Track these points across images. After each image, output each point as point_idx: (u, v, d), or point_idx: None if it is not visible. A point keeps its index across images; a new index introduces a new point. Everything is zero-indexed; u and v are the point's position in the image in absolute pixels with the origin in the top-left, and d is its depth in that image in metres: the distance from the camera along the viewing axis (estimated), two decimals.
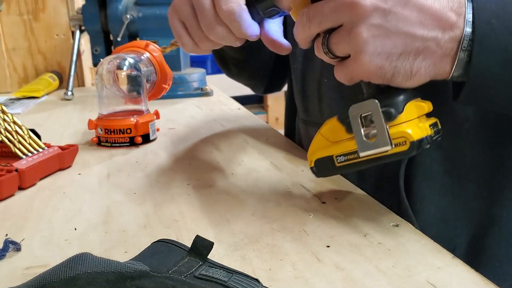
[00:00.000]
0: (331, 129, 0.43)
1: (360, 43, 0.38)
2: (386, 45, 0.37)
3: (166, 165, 0.61)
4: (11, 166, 0.54)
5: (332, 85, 0.58)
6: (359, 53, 0.38)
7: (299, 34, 0.41)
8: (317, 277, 0.35)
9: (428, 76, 0.39)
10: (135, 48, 0.84)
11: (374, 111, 0.39)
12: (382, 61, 0.38)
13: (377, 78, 0.39)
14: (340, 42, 0.39)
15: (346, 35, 0.38)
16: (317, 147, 0.44)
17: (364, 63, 0.38)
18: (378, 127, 0.38)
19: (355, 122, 0.40)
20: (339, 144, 0.42)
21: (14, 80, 1.26)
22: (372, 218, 0.43)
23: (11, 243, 0.40)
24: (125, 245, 0.41)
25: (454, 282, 0.34)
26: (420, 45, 0.38)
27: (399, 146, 0.38)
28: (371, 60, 0.38)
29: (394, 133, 0.38)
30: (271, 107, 2.53)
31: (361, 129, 0.39)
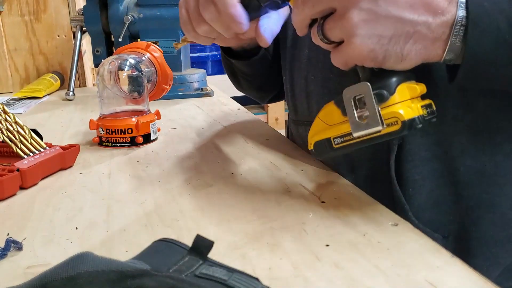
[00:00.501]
0: (328, 112, 0.44)
1: (351, 27, 0.39)
2: (376, 28, 0.39)
3: (166, 165, 0.62)
4: (12, 166, 0.54)
5: (319, 81, 0.59)
6: (351, 37, 0.39)
7: (295, 19, 0.43)
8: (317, 276, 0.35)
9: (419, 59, 0.40)
10: (136, 49, 0.84)
11: (366, 93, 0.40)
12: (373, 44, 0.39)
13: (369, 61, 0.40)
14: (334, 27, 0.40)
15: (339, 20, 0.40)
16: (316, 130, 0.46)
17: (356, 47, 0.39)
18: (370, 109, 0.40)
19: (348, 104, 0.41)
20: (335, 127, 0.43)
21: (15, 80, 1.27)
22: (371, 218, 0.44)
23: (12, 242, 0.40)
24: (126, 244, 0.41)
25: (452, 281, 0.34)
26: (410, 29, 0.39)
27: (391, 126, 0.40)
28: (362, 43, 0.39)
29: (386, 114, 0.40)
30: (271, 107, 2.53)
31: (354, 111, 0.41)
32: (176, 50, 1.09)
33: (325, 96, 0.59)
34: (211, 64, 2.54)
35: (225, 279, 0.31)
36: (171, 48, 1.09)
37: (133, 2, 1.09)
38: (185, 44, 0.65)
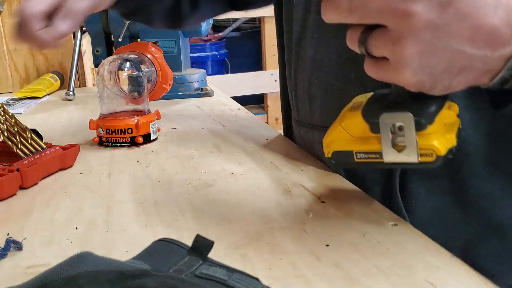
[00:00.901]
0: (354, 124, 0.41)
1: (404, 56, 0.35)
2: (431, 61, 0.35)
3: (166, 164, 0.62)
4: (12, 166, 0.54)
5: (323, 85, 0.57)
6: (401, 66, 0.36)
7: (329, 15, 0.37)
8: (317, 276, 0.35)
9: (464, 87, 0.37)
10: (136, 49, 0.84)
11: (407, 125, 0.38)
12: (423, 76, 0.36)
13: (414, 89, 0.37)
14: (382, 46, 0.36)
15: (390, 42, 0.35)
16: (336, 138, 0.43)
17: (404, 76, 0.36)
18: (409, 141, 0.38)
19: (385, 130, 0.39)
20: (361, 141, 0.41)
21: (15, 80, 1.27)
22: (371, 218, 0.44)
23: (12, 242, 0.40)
24: (126, 244, 0.41)
25: (452, 281, 0.34)
26: (466, 63, 0.36)
27: (424, 157, 0.38)
28: (412, 75, 0.36)
29: (421, 144, 0.38)
30: (271, 107, 2.53)
31: (390, 138, 0.39)
32: (176, 50, 1.09)
33: (328, 101, 0.57)
34: (211, 64, 2.55)
35: (225, 279, 0.31)
36: (171, 48, 1.09)
37: None
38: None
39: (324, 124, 0.56)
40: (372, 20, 0.35)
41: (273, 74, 2.43)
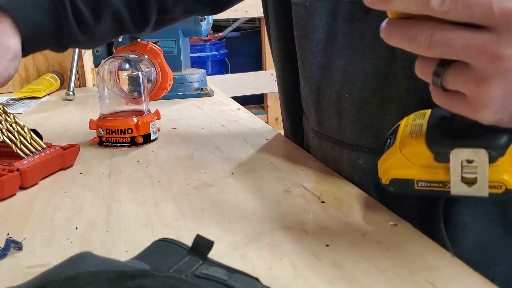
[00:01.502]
0: (417, 152, 0.39)
1: (488, 97, 0.32)
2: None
3: (166, 165, 0.62)
4: (12, 166, 0.54)
5: (356, 102, 0.52)
6: (482, 106, 0.33)
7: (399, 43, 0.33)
8: (317, 276, 0.35)
9: None
10: (136, 49, 0.84)
11: (480, 162, 0.36)
12: (503, 115, 0.33)
13: (489, 123, 0.34)
14: (461, 83, 0.33)
15: (473, 81, 0.32)
16: (395, 165, 0.40)
17: (484, 115, 0.33)
18: (481, 178, 0.36)
19: (456, 164, 0.37)
20: (423, 170, 0.39)
21: (15, 80, 1.27)
22: (371, 218, 0.44)
23: (12, 242, 0.40)
24: (126, 244, 0.41)
25: (453, 281, 0.34)
26: None
27: (493, 189, 0.37)
28: (492, 115, 0.33)
29: (491, 177, 0.36)
30: (271, 107, 2.53)
31: (460, 173, 0.37)
32: (176, 50, 1.09)
33: (362, 119, 0.51)
34: (211, 64, 2.55)
35: (225, 279, 0.31)
36: (171, 48, 1.09)
37: None
38: None
39: (355, 143, 0.52)
40: (454, 57, 0.32)
41: (273, 74, 2.43)
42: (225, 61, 2.61)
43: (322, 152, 0.60)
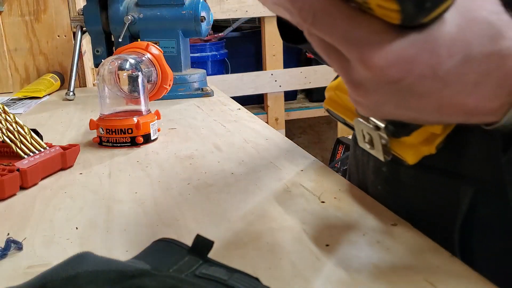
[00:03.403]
0: (345, 98, 0.43)
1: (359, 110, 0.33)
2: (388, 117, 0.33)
3: (166, 164, 0.62)
4: (13, 166, 0.54)
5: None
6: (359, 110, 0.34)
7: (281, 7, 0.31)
8: (317, 276, 0.35)
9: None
10: (136, 49, 0.84)
11: (375, 137, 0.37)
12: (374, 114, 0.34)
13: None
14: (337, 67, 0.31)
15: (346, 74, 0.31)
16: (329, 98, 0.45)
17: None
18: (376, 148, 0.38)
19: (358, 131, 0.39)
20: (348, 112, 0.42)
21: (15, 80, 1.27)
22: (371, 217, 0.44)
23: (12, 242, 0.40)
24: (126, 244, 0.41)
25: (453, 281, 0.34)
26: (435, 122, 0.33)
27: (399, 158, 0.39)
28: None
29: (395, 149, 0.38)
30: (271, 107, 2.53)
31: (362, 139, 0.39)
32: (176, 50, 1.09)
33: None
34: (211, 64, 2.54)
35: (225, 279, 0.31)
36: (171, 48, 1.09)
37: (133, 2, 1.09)
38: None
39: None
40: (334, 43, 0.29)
41: (273, 74, 2.43)
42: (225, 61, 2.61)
43: (355, 159, 0.57)
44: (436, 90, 0.29)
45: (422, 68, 0.28)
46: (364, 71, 0.29)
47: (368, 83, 0.30)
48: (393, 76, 0.28)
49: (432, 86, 0.29)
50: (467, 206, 0.41)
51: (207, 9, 1.08)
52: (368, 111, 0.33)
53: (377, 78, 0.29)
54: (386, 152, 0.38)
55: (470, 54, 0.28)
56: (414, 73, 0.28)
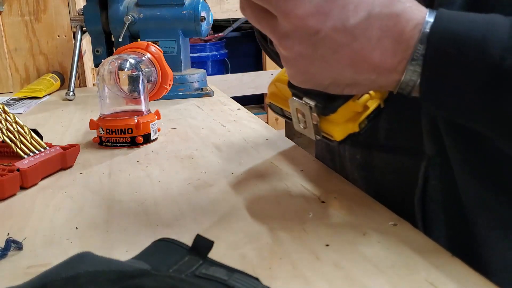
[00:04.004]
0: (283, 87, 0.47)
1: (288, 72, 0.39)
2: (313, 79, 0.38)
3: (166, 164, 0.62)
4: (13, 166, 0.54)
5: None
6: (289, 77, 0.39)
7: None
8: (317, 275, 0.35)
9: (361, 93, 0.40)
10: (136, 49, 0.84)
11: (306, 113, 0.43)
12: (311, 86, 0.39)
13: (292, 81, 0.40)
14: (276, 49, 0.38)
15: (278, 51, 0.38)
16: (271, 92, 0.50)
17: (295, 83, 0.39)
18: (308, 124, 0.44)
19: (292, 109, 0.44)
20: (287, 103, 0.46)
21: (15, 80, 1.27)
22: (371, 217, 0.44)
23: (12, 242, 0.40)
24: (126, 244, 0.41)
25: (453, 281, 0.34)
26: (351, 82, 0.37)
27: (328, 136, 0.44)
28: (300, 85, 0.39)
29: (324, 128, 0.43)
30: None
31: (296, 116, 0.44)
32: (176, 50, 1.09)
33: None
34: (211, 64, 2.54)
35: (225, 279, 0.31)
36: (171, 48, 1.09)
37: (133, 2, 1.09)
38: None
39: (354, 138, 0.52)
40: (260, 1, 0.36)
41: (273, 74, 2.43)
42: (225, 61, 2.61)
43: (330, 153, 0.61)
44: (346, 42, 0.34)
45: (334, 20, 0.34)
46: (288, 23, 0.35)
47: (292, 34, 0.35)
48: (312, 26, 0.34)
49: (343, 38, 0.34)
50: (422, 180, 0.46)
51: (207, 9, 1.08)
52: (295, 71, 0.38)
53: (298, 28, 0.34)
54: (317, 132, 0.43)
55: (372, 12, 0.34)
56: (328, 25, 0.34)
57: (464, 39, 0.34)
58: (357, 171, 0.54)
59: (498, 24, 0.34)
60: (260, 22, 0.37)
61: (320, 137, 0.44)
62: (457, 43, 0.34)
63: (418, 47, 0.34)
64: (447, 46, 0.34)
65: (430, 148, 0.45)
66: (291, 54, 0.37)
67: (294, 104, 0.43)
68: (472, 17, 0.35)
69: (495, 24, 0.34)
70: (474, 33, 0.34)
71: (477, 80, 0.34)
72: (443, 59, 0.34)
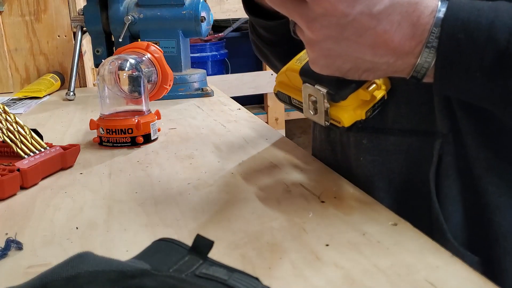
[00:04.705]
0: (293, 76, 0.49)
1: (311, 56, 0.42)
2: (335, 63, 0.41)
3: (167, 164, 0.62)
4: (13, 166, 0.54)
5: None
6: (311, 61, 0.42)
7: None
8: (317, 275, 0.35)
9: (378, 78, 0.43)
10: (136, 49, 0.84)
11: (319, 99, 0.46)
12: (332, 71, 0.42)
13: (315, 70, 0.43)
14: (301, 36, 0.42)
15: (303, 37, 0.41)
16: (280, 81, 0.52)
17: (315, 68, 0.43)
18: (319, 110, 0.46)
19: (305, 95, 0.47)
20: (296, 91, 0.49)
21: (16, 80, 1.27)
22: (370, 217, 0.44)
23: (13, 242, 0.40)
24: (126, 244, 0.41)
25: (452, 280, 0.34)
26: (370, 66, 0.41)
27: (335, 123, 0.47)
28: (321, 70, 0.42)
29: (333, 114, 0.46)
30: (271, 108, 2.53)
31: (308, 103, 0.47)
32: (176, 50, 1.09)
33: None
34: (211, 64, 2.54)
35: (225, 278, 0.31)
36: (171, 48, 1.09)
37: (134, 2, 1.09)
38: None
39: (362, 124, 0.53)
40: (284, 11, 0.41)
41: (273, 74, 2.43)
42: (225, 61, 2.61)
43: (330, 144, 0.61)
44: (371, 25, 0.38)
45: (362, 6, 0.37)
46: (319, 7, 0.38)
47: (321, 17, 0.38)
48: (342, 11, 0.37)
49: (369, 22, 0.38)
50: (437, 158, 0.48)
51: (207, 9, 1.08)
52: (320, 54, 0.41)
53: (328, 12, 0.38)
54: (326, 118, 0.46)
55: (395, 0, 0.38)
56: (357, 9, 0.37)
57: (472, 25, 0.38)
58: (364, 156, 0.55)
59: (504, 10, 0.38)
60: (287, 7, 0.40)
61: (329, 123, 0.47)
62: (467, 29, 0.38)
63: (433, 31, 0.38)
64: (457, 32, 0.38)
65: (444, 126, 0.47)
66: (318, 37, 0.40)
67: (308, 90, 0.46)
68: (480, 5, 0.38)
69: (500, 11, 0.38)
70: (482, 20, 0.37)
71: (485, 62, 0.38)
72: (454, 44, 0.38)
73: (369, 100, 0.47)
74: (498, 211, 0.47)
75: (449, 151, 0.48)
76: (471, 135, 0.47)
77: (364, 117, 0.47)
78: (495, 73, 0.38)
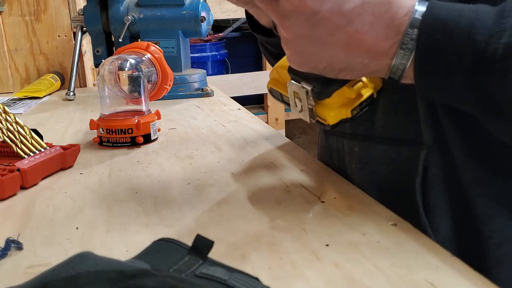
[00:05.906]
0: (284, 73, 0.48)
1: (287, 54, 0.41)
2: (310, 61, 0.40)
3: (167, 164, 0.62)
4: (13, 166, 0.54)
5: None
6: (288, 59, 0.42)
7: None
8: (317, 275, 0.35)
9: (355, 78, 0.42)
10: (136, 49, 0.84)
11: (303, 97, 0.45)
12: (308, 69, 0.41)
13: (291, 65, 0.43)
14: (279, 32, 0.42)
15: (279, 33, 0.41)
16: (272, 78, 0.52)
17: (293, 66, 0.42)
18: (303, 107, 0.46)
19: (290, 92, 0.47)
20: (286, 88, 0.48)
21: (16, 80, 1.27)
22: (370, 217, 0.44)
23: (12, 242, 0.40)
24: (126, 244, 0.41)
25: (452, 281, 0.34)
26: (345, 66, 0.40)
27: (321, 120, 0.46)
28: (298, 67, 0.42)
29: (318, 112, 0.46)
30: (271, 108, 2.53)
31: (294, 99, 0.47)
32: (176, 50, 1.09)
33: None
34: (211, 64, 2.54)
35: (225, 278, 0.31)
36: (171, 48, 1.09)
37: (134, 2, 1.09)
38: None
39: (353, 131, 0.55)
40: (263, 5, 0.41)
41: None
42: (225, 61, 2.61)
43: (328, 150, 0.62)
44: (342, 25, 0.37)
45: (331, 3, 0.37)
46: (288, 3, 0.38)
47: (291, 14, 0.38)
48: (310, 8, 0.37)
49: (339, 21, 0.37)
50: (421, 169, 0.47)
51: (207, 9, 1.08)
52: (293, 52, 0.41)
53: (298, 9, 0.38)
54: (311, 115, 0.46)
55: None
56: (326, 7, 0.37)
57: (452, 26, 0.37)
58: (355, 164, 0.55)
59: (484, 12, 0.37)
60: (265, 3, 0.40)
61: (315, 121, 0.46)
62: (446, 30, 0.37)
63: (408, 32, 0.37)
64: (436, 33, 0.37)
65: (428, 137, 0.47)
66: (290, 35, 0.40)
67: (292, 87, 0.46)
68: (460, 6, 0.38)
69: (481, 13, 0.37)
70: (462, 20, 0.37)
71: (464, 64, 0.37)
72: (433, 45, 0.37)
73: (355, 98, 0.46)
74: (487, 221, 0.46)
75: (434, 162, 0.47)
76: (458, 145, 0.46)
77: (350, 115, 0.46)
78: (474, 74, 0.37)
